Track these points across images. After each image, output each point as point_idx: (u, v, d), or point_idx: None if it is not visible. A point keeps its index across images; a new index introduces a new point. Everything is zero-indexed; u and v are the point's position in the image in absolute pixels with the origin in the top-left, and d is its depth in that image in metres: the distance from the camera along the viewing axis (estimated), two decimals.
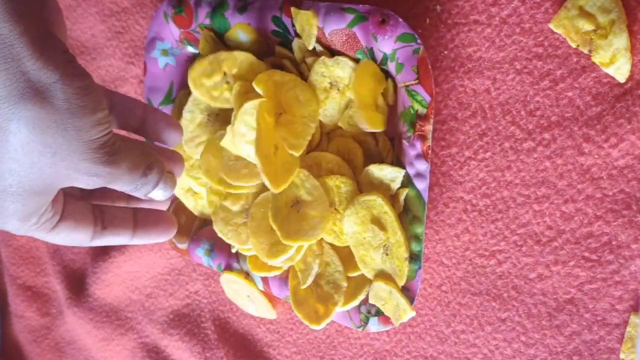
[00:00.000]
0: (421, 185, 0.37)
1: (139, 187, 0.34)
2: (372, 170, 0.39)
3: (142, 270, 0.60)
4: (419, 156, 0.37)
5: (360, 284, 0.41)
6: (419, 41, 0.36)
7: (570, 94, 0.35)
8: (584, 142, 0.35)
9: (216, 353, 0.55)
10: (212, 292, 0.55)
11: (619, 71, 0.33)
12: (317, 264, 0.41)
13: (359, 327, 0.42)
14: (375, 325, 0.41)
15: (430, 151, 0.37)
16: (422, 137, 0.37)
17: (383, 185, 0.39)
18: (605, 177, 0.35)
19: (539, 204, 0.37)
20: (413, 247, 0.38)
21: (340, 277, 0.41)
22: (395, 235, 0.38)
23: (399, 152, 0.38)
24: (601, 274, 0.36)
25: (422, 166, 0.37)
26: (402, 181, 0.38)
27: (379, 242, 0.39)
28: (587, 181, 0.35)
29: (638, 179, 0.34)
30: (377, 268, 0.39)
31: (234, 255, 0.48)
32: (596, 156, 0.35)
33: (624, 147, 0.34)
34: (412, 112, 0.37)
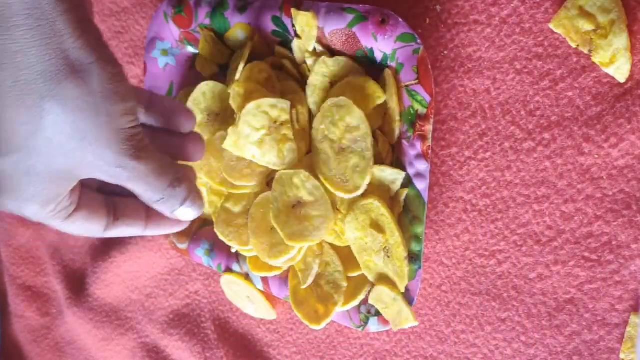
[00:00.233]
0: (421, 185, 0.37)
1: (166, 198, 0.33)
2: (373, 171, 0.39)
3: (142, 270, 0.60)
4: (419, 156, 0.37)
5: (360, 284, 0.41)
6: (419, 41, 0.36)
7: (570, 94, 0.35)
8: (584, 142, 0.35)
9: (216, 353, 0.55)
10: (212, 292, 0.55)
11: (619, 71, 0.33)
12: (317, 264, 0.41)
13: (359, 327, 0.42)
14: (375, 325, 0.41)
15: (430, 151, 0.37)
16: (422, 137, 0.37)
17: (383, 187, 0.39)
18: (605, 177, 0.35)
19: (539, 204, 0.37)
20: (413, 247, 0.38)
21: (340, 277, 0.41)
22: (394, 236, 0.38)
23: (399, 152, 0.38)
24: (601, 274, 0.36)
25: (422, 166, 0.37)
26: (402, 182, 0.38)
27: (379, 245, 0.39)
28: (587, 181, 0.35)
29: (638, 179, 0.34)
30: (380, 272, 0.39)
31: (234, 255, 0.48)
32: (596, 156, 0.35)
33: (624, 147, 0.34)
34: (412, 112, 0.37)
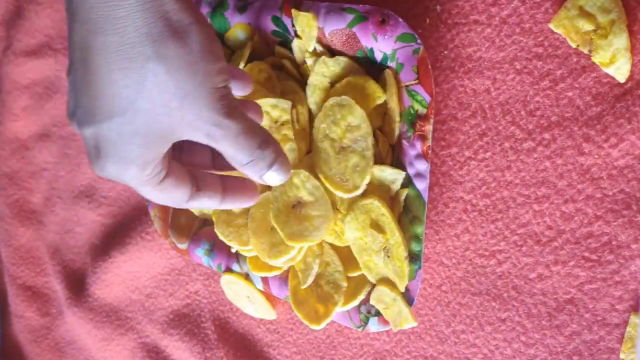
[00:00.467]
0: (421, 185, 0.37)
1: (255, 161, 0.34)
2: (373, 171, 0.39)
3: (142, 270, 0.60)
4: (419, 156, 0.37)
5: (360, 284, 0.41)
6: (419, 41, 0.36)
7: (570, 94, 0.35)
8: (584, 142, 0.35)
9: (216, 353, 0.55)
10: (212, 292, 0.55)
11: (619, 71, 0.33)
12: (317, 264, 0.41)
13: (359, 327, 0.42)
14: (375, 325, 0.41)
15: (430, 151, 0.37)
16: (422, 137, 0.37)
17: (383, 187, 0.39)
18: (605, 177, 0.35)
19: (539, 204, 0.37)
20: (413, 247, 0.38)
21: (340, 277, 0.41)
22: (394, 235, 0.38)
23: (399, 152, 0.38)
24: (601, 274, 0.36)
25: (422, 166, 0.37)
26: (402, 182, 0.38)
27: (379, 245, 0.38)
28: (587, 181, 0.35)
29: (638, 179, 0.34)
30: (380, 273, 0.39)
31: (234, 255, 0.48)
32: (596, 156, 0.35)
33: (624, 147, 0.34)
34: (412, 112, 0.37)
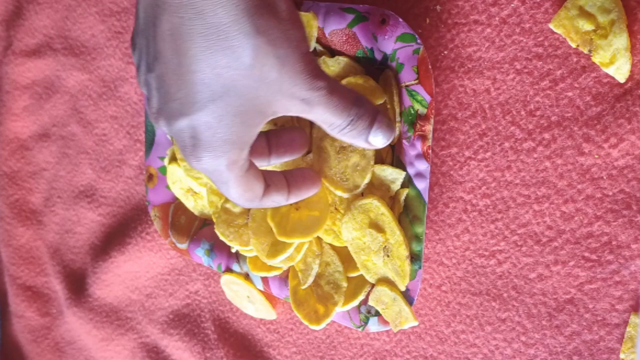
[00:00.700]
0: (421, 185, 0.37)
1: (355, 121, 0.34)
2: (374, 170, 0.39)
3: (142, 270, 0.60)
4: (419, 156, 0.37)
5: (360, 284, 0.41)
6: (419, 41, 0.36)
7: (570, 94, 0.35)
8: (584, 142, 0.35)
9: (216, 353, 0.55)
10: (212, 292, 0.55)
11: (619, 71, 0.33)
12: (317, 264, 0.41)
13: (359, 327, 0.42)
14: (375, 325, 0.41)
15: (430, 151, 0.37)
16: (423, 137, 0.37)
17: (383, 186, 0.39)
18: (605, 177, 0.35)
19: (539, 204, 0.37)
20: (413, 247, 0.38)
21: (341, 277, 0.41)
22: (394, 235, 0.38)
23: (399, 152, 0.38)
24: (601, 274, 0.36)
25: (423, 166, 0.37)
26: (402, 181, 0.38)
27: (378, 245, 0.38)
28: (587, 181, 0.35)
29: (638, 179, 0.34)
30: (379, 272, 0.39)
31: (234, 255, 0.48)
32: (596, 156, 0.35)
33: (624, 147, 0.34)
34: (413, 112, 0.37)
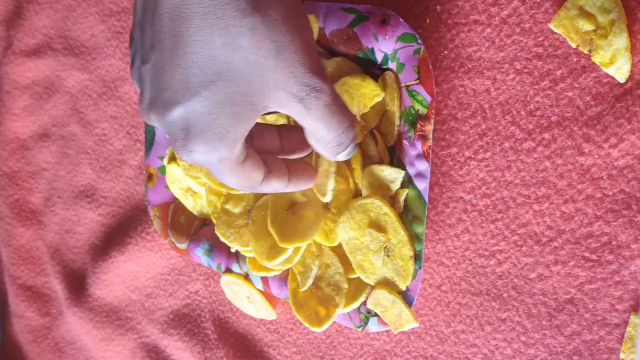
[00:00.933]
0: (422, 185, 0.37)
1: (342, 139, 0.34)
2: (373, 171, 0.39)
3: (142, 270, 0.60)
4: (419, 156, 0.37)
5: (360, 286, 0.41)
6: (419, 41, 0.36)
7: (570, 94, 0.35)
8: (584, 142, 0.35)
9: (216, 353, 0.55)
10: (212, 292, 0.55)
11: (619, 71, 0.33)
12: (316, 266, 0.41)
13: (359, 327, 0.42)
14: (375, 326, 0.41)
15: (430, 151, 0.37)
16: (423, 137, 0.37)
17: (383, 186, 0.39)
18: (605, 177, 0.35)
19: (539, 204, 0.37)
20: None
21: (341, 278, 0.41)
22: (398, 235, 0.38)
23: (400, 152, 0.38)
24: (601, 274, 0.36)
25: (423, 166, 0.37)
26: (402, 181, 0.38)
27: (378, 245, 0.38)
28: (587, 181, 0.35)
29: (638, 179, 0.34)
30: (377, 272, 0.39)
31: (234, 255, 0.48)
32: (596, 156, 0.35)
33: (624, 147, 0.34)
34: (413, 112, 0.37)
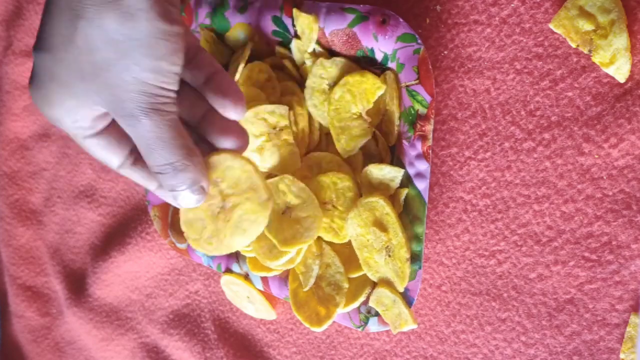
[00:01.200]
0: (421, 185, 0.37)
1: (174, 168, 0.33)
2: (372, 170, 0.39)
3: (142, 270, 0.60)
4: (419, 156, 0.37)
5: (361, 285, 0.41)
6: (419, 41, 0.36)
7: (570, 94, 0.35)
8: (584, 142, 0.35)
9: (216, 353, 0.55)
10: (212, 292, 0.55)
11: (619, 71, 0.33)
12: (318, 265, 0.41)
13: (359, 327, 0.42)
14: (375, 326, 0.41)
15: (430, 151, 0.37)
16: (423, 137, 0.37)
17: (382, 185, 0.39)
18: (605, 177, 0.35)
19: (539, 204, 0.37)
20: (413, 247, 0.38)
21: (342, 278, 0.41)
22: (397, 236, 0.38)
23: (400, 152, 0.38)
24: (601, 274, 0.36)
25: (423, 166, 0.37)
26: (402, 181, 0.38)
27: (381, 244, 0.38)
28: (587, 181, 0.35)
29: (638, 179, 0.34)
30: (380, 270, 0.39)
31: (234, 255, 0.48)
32: (596, 156, 0.35)
33: (624, 147, 0.34)
34: (413, 112, 0.37)
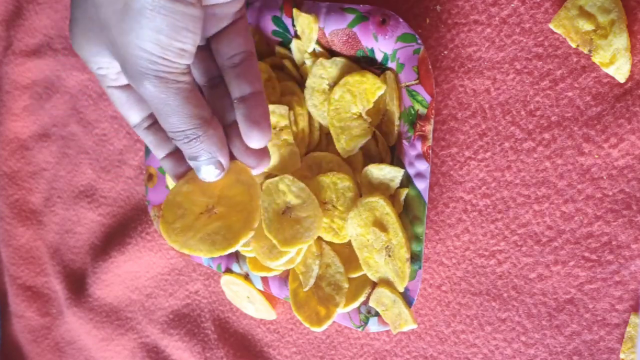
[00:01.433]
0: (421, 185, 0.37)
1: (191, 135, 0.34)
2: (371, 170, 0.39)
3: (142, 270, 0.60)
4: (419, 156, 0.37)
5: (361, 285, 0.41)
6: (419, 41, 0.36)
7: (570, 94, 0.35)
8: (584, 142, 0.35)
9: (216, 353, 0.55)
10: (212, 292, 0.55)
11: (619, 71, 0.33)
12: (318, 265, 0.41)
13: (359, 327, 0.42)
14: (375, 326, 0.41)
15: (430, 151, 0.37)
16: (423, 137, 0.37)
17: (382, 185, 0.39)
18: (605, 177, 0.35)
19: (539, 204, 0.37)
20: (413, 247, 0.38)
21: (342, 278, 0.41)
22: (397, 236, 0.38)
23: (400, 152, 0.38)
24: (601, 274, 0.36)
25: (423, 166, 0.37)
26: (402, 181, 0.38)
27: (381, 244, 0.38)
28: (587, 181, 0.35)
29: (638, 179, 0.34)
30: (380, 270, 0.39)
31: (234, 255, 0.48)
32: (596, 156, 0.35)
33: (624, 147, 0.34)
34: (413, 112, 0.37)
